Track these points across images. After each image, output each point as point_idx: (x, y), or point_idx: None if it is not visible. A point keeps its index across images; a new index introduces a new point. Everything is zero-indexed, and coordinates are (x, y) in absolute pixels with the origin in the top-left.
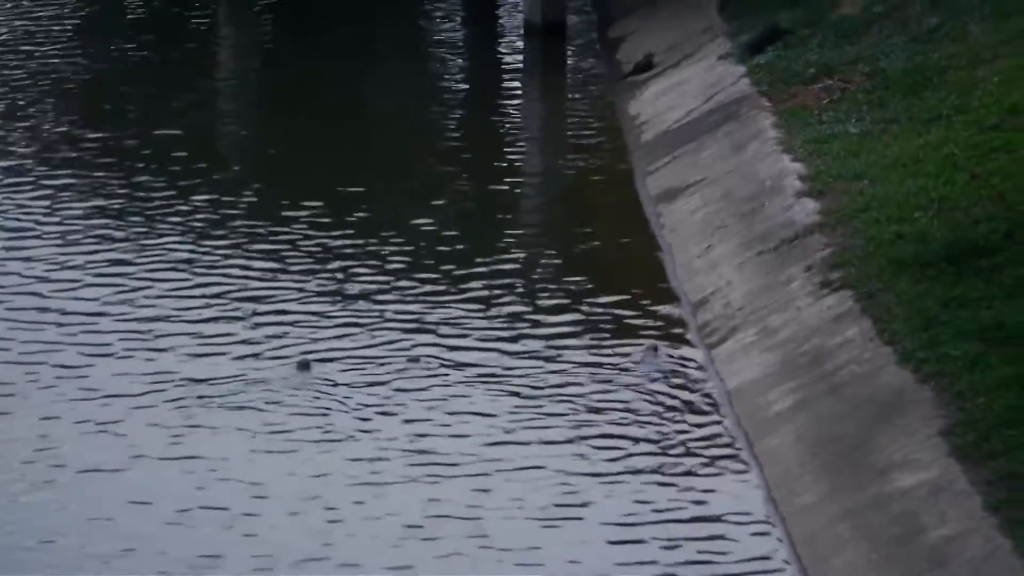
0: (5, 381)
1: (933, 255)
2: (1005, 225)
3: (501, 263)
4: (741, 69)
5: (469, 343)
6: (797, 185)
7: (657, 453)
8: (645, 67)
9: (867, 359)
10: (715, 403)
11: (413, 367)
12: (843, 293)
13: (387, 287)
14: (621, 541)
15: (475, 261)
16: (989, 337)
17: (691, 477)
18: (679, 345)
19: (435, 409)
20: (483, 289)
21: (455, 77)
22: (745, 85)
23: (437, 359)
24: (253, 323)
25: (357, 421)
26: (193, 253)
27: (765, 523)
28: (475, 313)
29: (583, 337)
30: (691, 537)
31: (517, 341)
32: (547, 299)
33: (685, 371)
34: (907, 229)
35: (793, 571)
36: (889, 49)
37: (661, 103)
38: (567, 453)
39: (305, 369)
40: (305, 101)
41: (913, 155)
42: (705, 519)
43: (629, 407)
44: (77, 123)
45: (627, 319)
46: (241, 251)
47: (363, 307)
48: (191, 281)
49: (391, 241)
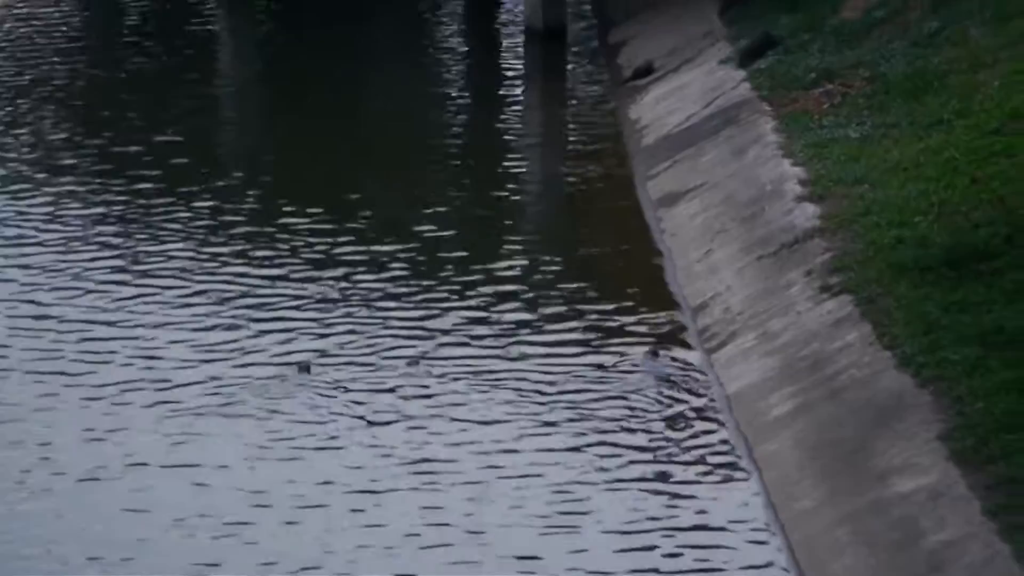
0: (4, 388)
1: (933, 259)
2: (1005, 229)
3: (501, 267)
4: (742, 73)
5: (469, 349)
6: (797, 189)
7: (657, 458)
8: (645, 72)
9: (867, 363)
10: (714, 408)
11: (413, 371)
12: (843, 297)
13: (387, 292)
14: (622, 549)
15: (475, 266)
16: (989, 341)
17: (691, 482)
18: (679, 349)
19: (434, 415)
20: (483, 293)
21: (456, 82)
22: (745, 89)
23: (437, 365)
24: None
25: (356, 428)
26: (193, 260)
27: (764, 528)
28: (475, 317)
29: (583, 341)
30: (690, 543)
31: (517, 346)
32: (547, 304)
33: (685, 376)
34: (907, 233)
35: None
36: (890, 53)
37: (661, 108)
38: (566, 459)
39: (305, 371)
40: (305, 107)
41: (914, 159)
42: (704, 524)
43: (629, 412)
44: (76, 129)
45: (627, 323)
46: (241, 257)
47: (363, 313)
48: (191, 288)
49: (391, 246)
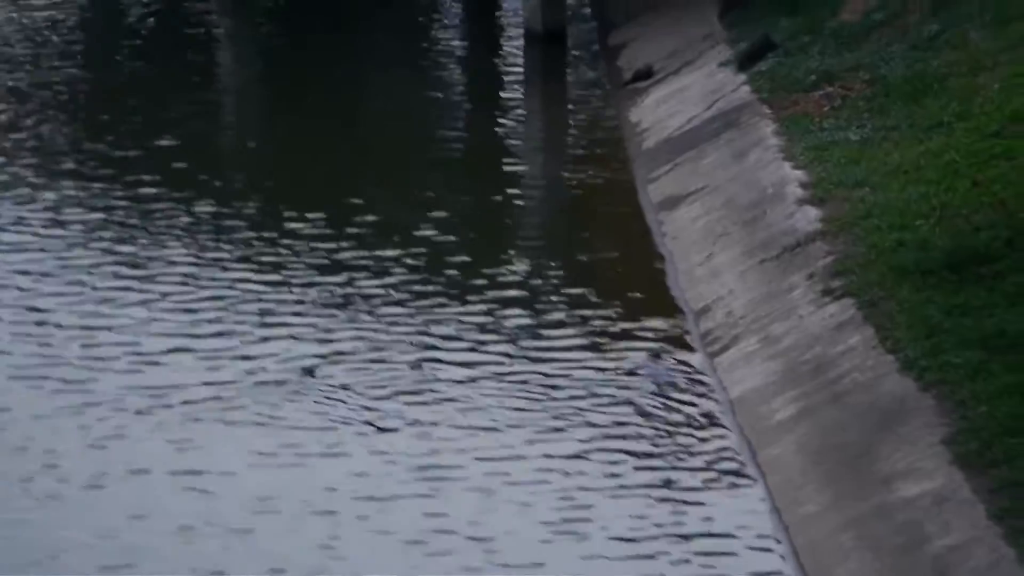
0: (6, 395)
1: (935, 263)
2: (1007, 232)
3: (501, 271)
4: (742, 76)
5: (471, 355)
6: (798, 192)
7: (660, 463)
8: (646, 74)
9: (869, 367)
10: (717, 412)
11: (416, 374)
12: (845, 301)
13: (387, 296)
14: (625, 556)
15: (475, 270)
16: (991, 345)
17: (694, 487)
18: (681, 354)
19: (436, 421)
20: (484, 298)
21: (455, 85)
22: (746, 92)
23: (438, 369)
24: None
25: (361, 433)
26: (194, 265)
27: (769, 533)
28: (476, 321)
29: (584, 346)
30: (694, 549)
31: (518, 350)
32: (548, 307)
33: (687, 380)
34: (908, 237)
35: None
36: (890, 56)
37: (662, 110)
38: (569, 465)
39: (310, 375)
40: (305, 110)
41: (914, 162)
42: (708, 530)
43: (631, 417)
44: (76, 133)
45: (628, 328)
46: (243, 262)
47: (364, 317)
48: (193, 293)
49: (392, 251)
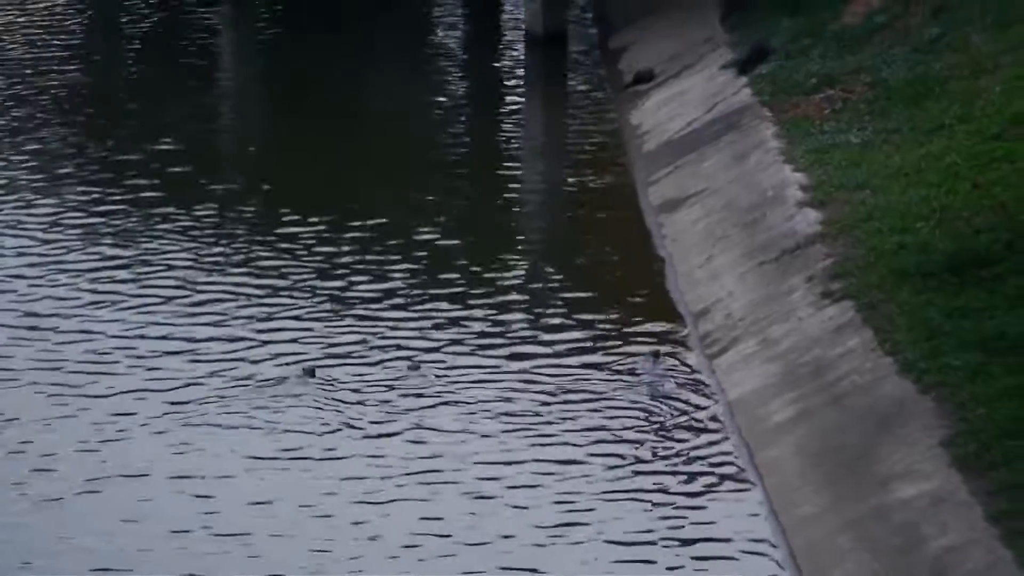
0: (5, 398)
1: (935, 265)
2: (1007, 235)
3: (502, 273)
4: (743, 79)
5: (470, 358)
6: (799, 195)
7: (658, 465)
8: (646, 77)
9: (868, 369)
10: (716, 414)
11: (413, 375)
12: (844, 303)
13: (388, 299)
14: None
15: (476, 272)
16: (991, 347)
17: (692, 488)
18: (680, 355)
19: (436, 424)
20: (485, 300)
21: (456, 88)
22: (746, 95)
23: (438, 371)
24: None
25: (358, 437)
26: (194, 268)
27: (766, 535)
28: (476, 324)
29: (584, 348)
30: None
31: (518, 352)
32: (548, 309)
33: (686, 382)
34: (909, 239)
35: None
36: (891, 59)
37: (662, 113)
38: (567, 467)
39: (310, 375)
40: (305, 112)
41: (915, 165)
42: (706, 531)
43: (630, 418)
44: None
45: (628, 329)
46: (243, 265)
47: (364, 320)
48: (192, 296)
49: (392, 254)
